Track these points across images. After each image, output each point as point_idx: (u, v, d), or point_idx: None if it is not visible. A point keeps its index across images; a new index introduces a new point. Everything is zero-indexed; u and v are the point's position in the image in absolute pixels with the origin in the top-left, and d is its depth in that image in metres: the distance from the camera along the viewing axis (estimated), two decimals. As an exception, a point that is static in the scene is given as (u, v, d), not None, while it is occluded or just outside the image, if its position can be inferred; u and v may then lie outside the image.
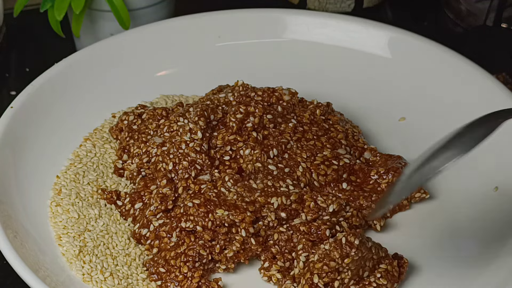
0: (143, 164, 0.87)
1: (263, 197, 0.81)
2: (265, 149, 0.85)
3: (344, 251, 0.76)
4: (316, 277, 0.76)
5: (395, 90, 0.98)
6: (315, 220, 0.80)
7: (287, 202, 0.81)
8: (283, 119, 0.88)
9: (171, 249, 0.80)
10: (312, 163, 0.85)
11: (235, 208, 0.80)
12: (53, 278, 0.76)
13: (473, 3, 1.15)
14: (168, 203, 0.82)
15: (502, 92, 0.92)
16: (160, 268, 0.79)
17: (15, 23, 1.11)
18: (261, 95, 0.89)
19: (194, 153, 0.84)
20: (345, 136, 0.88)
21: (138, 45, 1.00)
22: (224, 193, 0.81)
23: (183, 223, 0.80)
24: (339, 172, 0.85)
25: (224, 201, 0.80)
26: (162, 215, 0.82)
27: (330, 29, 1.02)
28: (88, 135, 0.92)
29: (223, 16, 1.03)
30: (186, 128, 0.86)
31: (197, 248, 0.79)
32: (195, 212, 0.80)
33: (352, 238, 0.76)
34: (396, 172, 0.85)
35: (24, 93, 0.91)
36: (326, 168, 0.85)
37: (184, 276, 0.78)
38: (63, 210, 0.83)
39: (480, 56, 1.00)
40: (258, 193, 0.81)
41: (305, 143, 0.87)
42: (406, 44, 1.00)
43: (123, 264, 0.80)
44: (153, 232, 0.81)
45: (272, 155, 0.85)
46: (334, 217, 0.81)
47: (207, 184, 0.82)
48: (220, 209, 0.80)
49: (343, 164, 0.85)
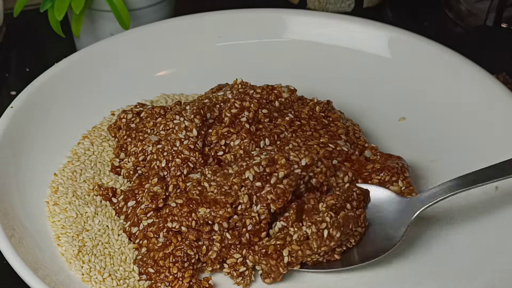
0: (139, 163, 0.87)
1: (237, 178, 0.80)
2: (255, 139, 0.85)
3: (323, 243, 0.77)
4: (286, 252, 0.78)
5: (395, 90, 0.98)
6: (287, 177, 0.79)
7: (260, 170, 0.80)
8: (280, 113, 0.88)
9: (159, 250, 0.80)
10: (305, 143, 0.84)
11: (215, 204, 0.79)
12: (52, 278, 0.76)
13: (473, 3, 1.15)
14: (158, 202, 0.82)
15: (502, 92, 0.92)
16: (149, 269, 0.79)
17: (15, 23, 1.11)
18: (260, 93, 0.89)
19: (187, 151, 0.84)
20: (346, 133, 0.88)
21: (138, 45, 1.00)
22: (206, 188, 0.81)
23: (169, 223, 0.80)
24: (333, 154, 0.84)
25: (205, 198, 0.80)
26: (152, 214, 0.82)
27: (330, 29, 1.02)
28: (86, 133, 0.92)
29: (223, 16, 1.03)
30: (181, 125, 0.85)
31: (185, 248, 0.79)
32: (178, 212, 0.80)
33: (334, 231, 0.77)
34: (391, 171, 0.85)
35: (24, 93, 0.91)
36: (319, 148, 0.84)
37: (174, 276, 0.78)
38: (60, 209, 0.83)
39: (480, 56, 1.00)
40: (232, 176, 0.80)
41: (301, 133, 0.86)
42: (406, 44, 1.00)
43: (121, 263, 0.80)
44: (142, 231, 0.81)
45: (262, 145, 0.85)
46: (305, 171, 0.80)
47: (192, 182, 0.82)
48: (202, 207, 0.79)
49: (339, 150, 0.85)
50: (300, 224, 0.79)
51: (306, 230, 0.78)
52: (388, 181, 0.84)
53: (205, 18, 1.03)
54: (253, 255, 0.78)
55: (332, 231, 0.77)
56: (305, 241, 0.78)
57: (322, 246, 0.77)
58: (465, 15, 1.15)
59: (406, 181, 0.85)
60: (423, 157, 0.91)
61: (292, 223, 0.79)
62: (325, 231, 0.77)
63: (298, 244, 0.78)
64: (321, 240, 0.77)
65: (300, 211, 0.80)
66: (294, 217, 0.79)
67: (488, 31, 1.12)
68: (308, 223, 0.78)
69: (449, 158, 0.90)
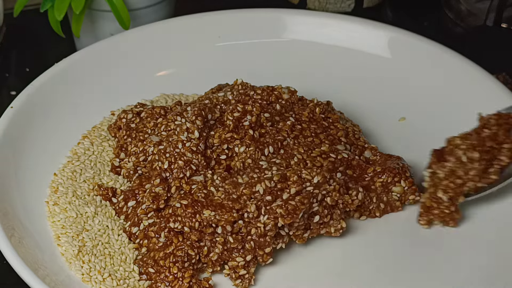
0: (139, 163, 0.87)
1: (247, 189, 0.80)
2: (260, 147, 0.85)
3: (465, 167, 0.82)
4: (440, 192, 0.83)
5: (395, 90, 0.98)
6: (299, 194, 0.79)
7: (271, 185, 0.80)
8: (281, 117, 0.88)
9: (160, 249, 0.80)
10: (308, 155, 0.84)
11: (221, 208, 0.79)
12: (52, 278, 0.76)
13: (473, 3, 1.15)
14: (160, 203, 0.82)
15: (502, 92, 0.92)
16: (150, 269, 0.79)
17: (15, 23, 1.11)
18: (260, 94, 0.89)
19: (190, 153, 0.84)
20: (346, 134, 0.88)
21: (138, 45, 1.00)
22: (212, 192, 0.81)
23: (171, 224, 0.80)
24: (335, 164, 0.84)
25: (211, 201, 0.80)
26: (153, 215, 0.82)
27: (330, 29, 1.02)
28: (86, 133, 0.92)
29: (223, 16, 1.03)
30: (183, 127, 0.86)
31: (185, 248, 0.79)
32: (182, 213, 0.80)
33: (472, 153, 0.82)
34: (392, 172, 0.85)
35: (24, 93, 0.91)
36: (323, 160, 0.84)
37: (175, 276, 0.78)
38: (60, 209, 0.83)
39: (480, 56, 1.00)
40: (243, 186, 0.80)
41: (303, 140, 0.86)
42: (406, 44, 1.00)
43: (121, 263, 0.80)
44: (142, 231, 0.81)
45: (267, 153, 0.85)
46: (318, 189, 0.80)
47: (197, 184, 0.82)
48: (207, 209, 0.79)
49: (340, 158, 0.85)
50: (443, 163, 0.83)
51: (449, 165, 0.83)
52: (391, 183, 0.84)
53: (205, 18, 1.03)
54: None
55: (470, 153, 0.82)
56: (452, 173, 0.82)
57: (468, 171, 0.82)
58: (465, 15, 1.15)
59: (408, 181, 0.85)
60: (423, 157, 0.91)
61: (437, 164, 0.83)
62: (463, 157, 0.82)
63: (447, 178, 0.82)
64: (463, 165, 0.82)
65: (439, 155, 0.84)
66: (435, 159, 0.83)
67: (488, 31, 1.12)
68: (448, 158, 0.83)
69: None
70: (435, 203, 0.83)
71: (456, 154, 0.83)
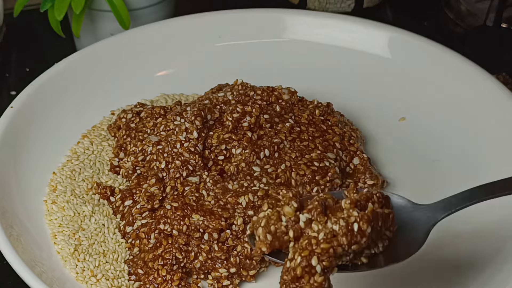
0: (138, 162, 0.87)
1: (233, 198, 0.80)
2: (256, 150, 0.85)
3: (354, 238, 0.67)
4: (315, 260, 0.67)
5: (395, 90, 0.98)
6: None
7: (254, 199, 0.80)
8: (281, 118, 0.88)
9: (150, 251, 0.79)
10: (296, 162, 0.84)
11: (210, 214, 0.79)
12: (48, 275, 0.76)
13: (473, 3, 1.15)
14: (154, 203, 0.82)
15: (502, 92, 0.92)
16: (139, 270, 0.79)
17: (15, 23, 1.11)
18: (260, 94, 0.89)
19: (187, 153, 0.84)
20: (341, 139, 0.88)
21: (138, 45, 1.00)
22: (203, 196, 0.81)
23: (162, 225, 0.80)
24: (315, 174, 0.84)
25: (201, 206, 0.80)
26: (148, 215, 0.82)
27: (330, 29, 1.02)
28: (86, 132, 0.92)
29: (223, 16, 1.03)
30: (182, 127, 0.85)
31: (174, 251, 0.79)
32: (171, 215, 0.80)
33: (364, 225, 0.67)
34: (352, 189, 0.72)
35: (24, 93, 0.91)
36: (306, 168, 0.84)
37: (163, 279, 0.78)
38: (58, 208, 0.83)
39: (480, 56, 1.00)
40: (230, 194, 0.80)
41: (299, 143, 0.86)
42: (406, 44, 1.00)
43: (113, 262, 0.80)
44: (134, 231, 0.81)
45: (262, 156, 0.85)
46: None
47: (190, 186, 0.82)
48: (196, 214, 0.79)
49: (322, 166, 0.84)
50: (325, 219, 0.69)
51: (332, 227, 0.67)
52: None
53: (205, 18, 1.03)
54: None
55: (363, 225, 0.67)
56: (333, 238, 0.67)
57: (353, 242, 0.67)
58: (465, 15, 1.15)
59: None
60: (423, 157, 0.91)
61: (317, 215, 0.69)
62: (355, 225, 0.67)
63: (327, 242, 0.67)
64: (352, 234, 0.67)
65: (324, 207, 0.70)
66: (320, 209, 0.69)
67: (488, 31, 1.12)
68: (334, 219, 0.68)
69: (449, 158, 0.90)
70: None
71: (346, 218, 0.68)
